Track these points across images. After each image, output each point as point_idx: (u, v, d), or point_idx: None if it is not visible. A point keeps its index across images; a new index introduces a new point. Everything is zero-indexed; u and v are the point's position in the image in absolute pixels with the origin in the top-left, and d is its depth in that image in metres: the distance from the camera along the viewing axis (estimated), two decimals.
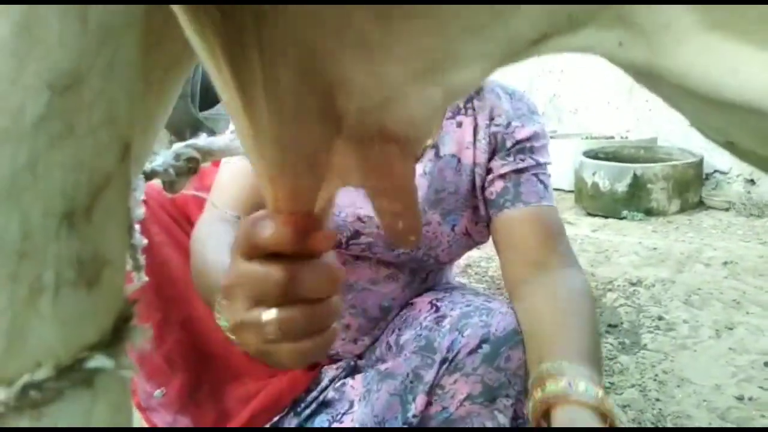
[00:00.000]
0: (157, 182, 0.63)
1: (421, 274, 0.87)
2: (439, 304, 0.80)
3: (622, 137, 3.56)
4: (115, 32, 0.19)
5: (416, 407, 0.75)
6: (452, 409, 0.75)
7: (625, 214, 2.88)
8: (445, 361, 0.73)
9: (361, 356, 0.89)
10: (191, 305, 0.86)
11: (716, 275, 2.15)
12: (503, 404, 0.73)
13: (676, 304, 1.91)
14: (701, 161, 2.99)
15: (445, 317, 0.77)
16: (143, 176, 0.69)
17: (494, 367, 0.72)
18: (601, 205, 2.95)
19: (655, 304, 1.92)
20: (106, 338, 0.23)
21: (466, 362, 0.72)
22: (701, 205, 3.03)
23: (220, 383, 0.88)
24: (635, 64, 0.27)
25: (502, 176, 0.81)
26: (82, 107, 0.19)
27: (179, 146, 0.81)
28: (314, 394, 0.87)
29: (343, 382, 0.87)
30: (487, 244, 2.38)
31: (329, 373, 0.88)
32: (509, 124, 0.83)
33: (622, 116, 3.58)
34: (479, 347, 0.72)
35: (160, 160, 0.79)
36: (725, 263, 2.25)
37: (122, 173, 0.22)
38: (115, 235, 0.22)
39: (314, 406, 0.87)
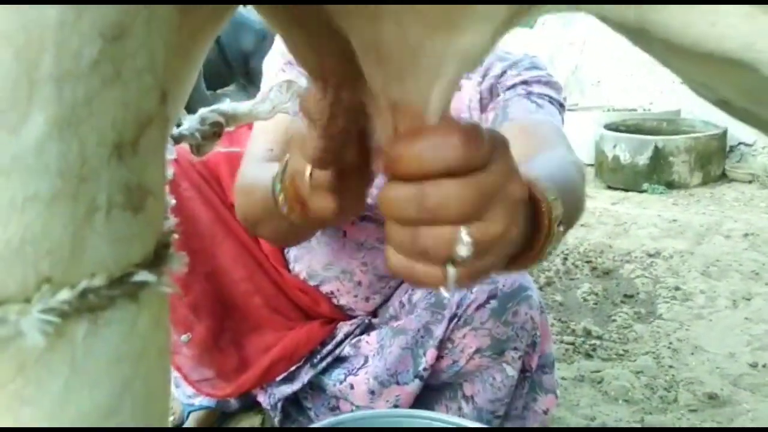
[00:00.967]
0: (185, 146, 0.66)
1: None
2: None
3: (644, 110, 3.51)
4: None
5: (427, 361, 0.79)
6: (462, 362, 0.79)
7: (645, 187, 2.86)
8: (454, 316, 0.77)
9: (375, 314, 0.93)
10: (216, 259, 0.90)
11: (736, 247, 2.14)
12: (511, 357, 0.77)
13: (693, 275, 1.91)
14: (725, 133, 2.94)
15: None
16: (171, 139, 0.73)
17: (502, 321, 0.75)
18: (621, 178, 2.93)
19: (672, 275, 1.93)
20: (148, 259, 0.26)
21: (474, 317, 0.75)
22: (724, 177, 2.99)
23: (240, 333, 0.93)
24: (626, 22, 0.29)
25: (492, 109, 0.78)
26: (127, 55, 0.22)
27: (205, 111, 0.85)
28: (330, 347, 0.92)
29: (358, 338, 0.91)
30: None
31: (344, 329, 0.93)
32: (503, 73, 0.79)
33: (645, 88, 3.52)
34: (487, 302, 0.75)
35: (186, 124, 0.83)
36: (746, 235, 2.23)
37: (162, 116, 0.25)
38: (156, 169, 0.26)
39: (330, 359, 0.91)
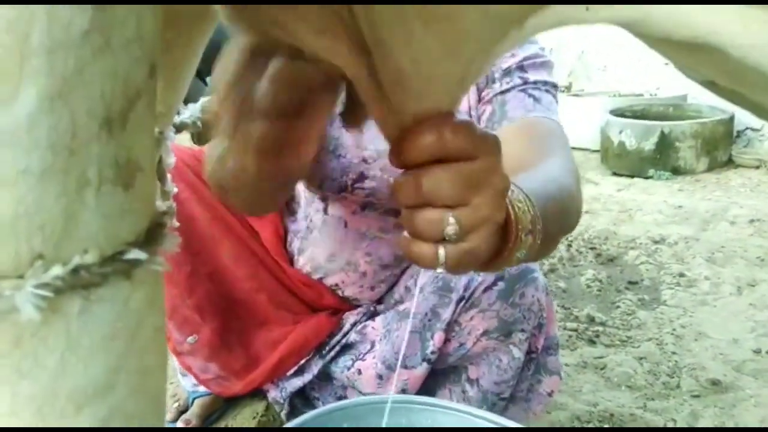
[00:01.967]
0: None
1: None
2: None
3: (651, 95, 3.48)
4: None
5: (434, 344, 0.79)
6: (469, 344, 0.79)
7: (651, 173, 2.84)
8: (461, 299, 0.76)
9: (380, 301, 0.93)
10: (217, 259, 0.90)
11: (741, 233, 2.12)
12: (518, 338, 0.77)
13: (698, 261, 1.90)
14: (732, 118, 2.91)
15: None
16: (173, 128, 0.73)
17: (509, 303, 0.75)
18: (627, 164, 2.91)
19: (677, 261, 1.92)
20: (140, 237, 0.26)
21: (482, 299, 0.75)
22: (730, 163, 2.97)
23: (247, 330, 0.93)
24: (618, 21, 0.29)
25: (488, 102, 0.77)
26: (116, 23, 0.22)
27: (205, 100, 0.85)
28: (337, 338, 0.92)
29: (364, 324, 0.91)
30: None
31: (351, 318, 0.93)
32: None
33: (651, 74, 3.48)
34: (494, 284, 0.75)
35: (187, 113, 0.83)
36: (751, 221, 2.22)
37: (150, 90, 0.25)
38: (145, 145, 0.26)
39: (338, 348, 0.92)
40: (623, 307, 1.61)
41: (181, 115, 0.81)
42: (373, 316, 0.91)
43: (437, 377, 0.88)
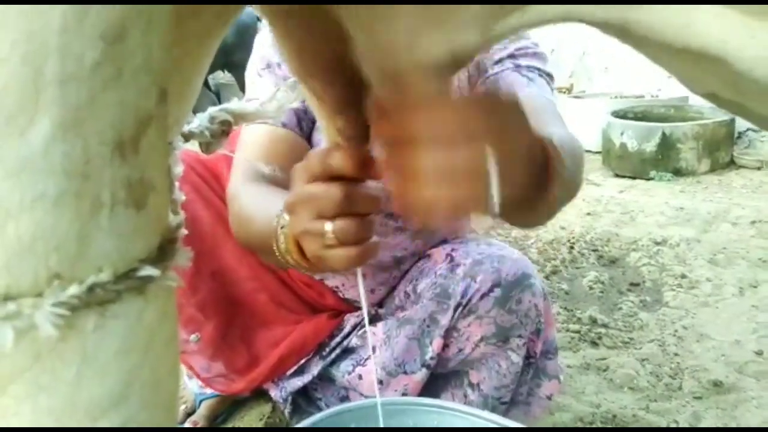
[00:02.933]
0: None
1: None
2: (453, 254, 0.84)
3: (652, 96, 3.49)
4: None
5: (433, 349, 0.80)
6: (467, 350, 0.80)
7: (653, 174, 2.85)
8: (459, 305, 0.78)
9: (381, 305, 0.94)
10: (220, 258, 0.92)
11: (743, 234, 2.13)
12: (516, 344, 0.78)
13: (700, 262, 1.91)
14: (733, 120, 2.92)
15: (459, 265, 0.81)
16: (182, 137, 0.74)
17: (506, 309, 0.76)
18: (628, 165, 2.92)
19: (678, 263, 1.92)
20: (153, 254, 0.27)
21: (479, 306, 0.76)
22: (732, 164, 2.97)
23: (249, 329, 0.94)
24: (610, 21, 0.30)
25: (481, 86, 0.78)
26: (126, 55, 0.23)
27: (214, 109, 0.86)
28: (338, 339, 0.93)
29: (365, 329, 0.92)
30: None
31: (351, 320, 0.94)
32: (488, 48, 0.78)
33: (652, 75, 3.49)
34: (491, 291, 0.76)
35: (196, 122, 0.84)
36: (753, 222, 2.22)
37: (161, 114, 0.26)
38: (157, 166, 0.27)
39: (338, 351, 0.93)
40: (625, 308, 1.61)
41: (189, 124, 0.82)
42: (374, 320, 0.93)
43: (439, 382, 0.89)
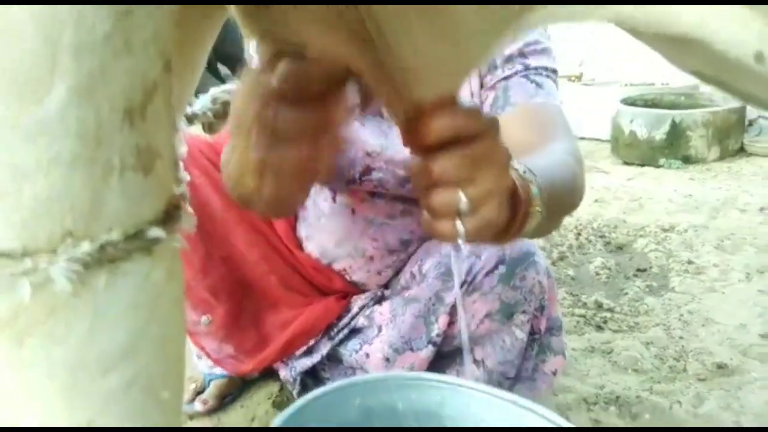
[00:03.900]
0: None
1: None
2: None
3: (662, 84, 3.46)
4: None
5: (439, 327, 0.82)
6: (472, 327, 0.82)
7: (662, 162, 2.83)
8: (464, 283, 0.79)
9: (387, 286, 0.96)
10: (231, 242, 0.94)
11: (751, 221, 2.12)
12: (520, 320, 0.79)
13: (707, 248, 1.90)
14: (744, 107, 2.89)
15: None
16: (186, 119, 0.76)
17: (510, 286, 0.77)
18: (638, 153, 2.90)
19: (686, 249, 1.92)
20: (159, 217, 0.29)
21: (484, 283, 0.78)
22: (742, 152, 2.95)
23: (259, 311, 0.97)
24: (606, 16, 0.32)
25: (491, 88, 0.79)
26: (135, 28, 0.25)
27: (216, 90, 0.87)
28: (345, 320, 0.95)
29: (371, 309, 0.94)
30: None
31: (358, 302, 0.96)
32: None
33: (662, 63, 3.44)
34: (495, 268, 0.78)
35: (198, 104, 0.86)
36: (762, 209, 2.21)
37: (166, 83, 0.28)
38: (163, 133, 0.28)
39: (346, 331, 0.95)
40: (631, 293, 1.62)
41: (192, 107, 0.83)
42: (380, 300, 0.94)
43: (444, 359, 0.91)
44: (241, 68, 0.46)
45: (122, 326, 0.28)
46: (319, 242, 0.93)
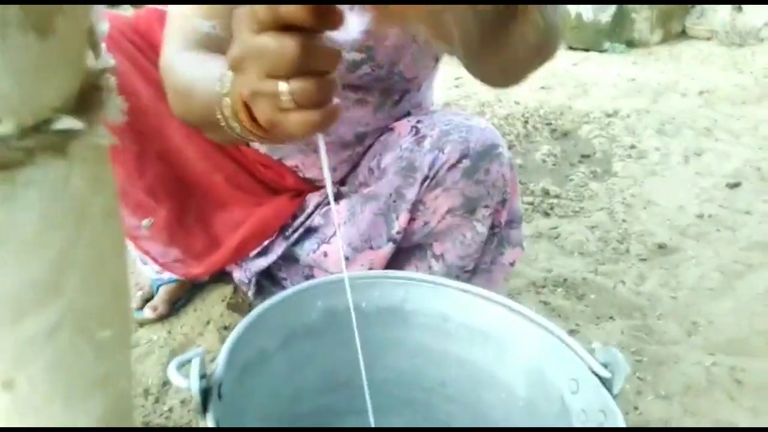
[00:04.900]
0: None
1: (392, 95, 0.84)
2: (419, 125, 0.79)
3: None
4: None
5: (400, 224, 0.78)
6: (433, 223, 0.78)
7: (606, 46, 2.81)
8: (426, 178, 0.74)
9: (343, 182, 0.89)
10: (166, 137, 0.83)
11: (691, 104, 2.16)
12: (482, 214, 0.76)
13: (649, 132, 1.94)
14: None
15: (425, 137, 0.76)
16: None
17: (474, 180, 0.73)
18: (583, 37, 2.85)
19: (628, 133, 1.95)
20: (71, 102, 0.21)
21: (446, 178, 0.73)
22: (683, 35, 2.96)
23: (206, 212, 0.89)
24: None
25: None
26: None
27: None
28: (301, 219, 0.89)
29: (328, 208, 0.88)
30: (465, 81, 2.30)
31: (314, 200, 0.90)
32: None
33: None
34: (459, 162, 0.73)
35: None
36: (701, 92, 2.25)
37: None
38: None
39: (301, 231, 0.89)
40: (576, 179, 1.64)
41: None
42: (336, 198, 0.89)
43: (402, 255, 0.88)
44: None
45: (36, 255, 0.21)
46: None
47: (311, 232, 0.88)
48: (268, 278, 0.95)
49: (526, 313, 0.58)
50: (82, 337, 0.22)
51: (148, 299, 0.99)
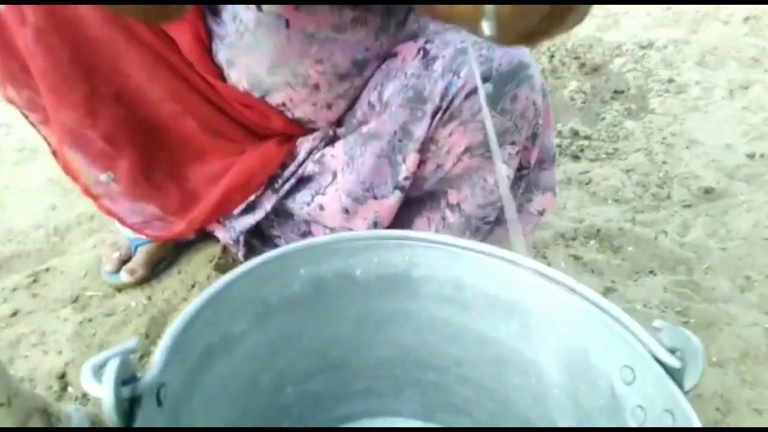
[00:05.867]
0: None
1: (396, 15, 0.68)
2: (428, 46, 0.64)
3: None
4: None
5: (407, 168, 0.65)
6: (448, 165, 0.65)
7: None
8: (438, 110, 0.60)
9: (340, 123, 0.76)
10: (123, 75, 0.70)
11: (735, 32, 1.95)
12: (508, 153, 0.62)
13: (688, 65, 1.75)
14: None
15: (436, 59, 0.62)
16: None
17: (498, 110, 0.59)
18: None
19: (665, 66, 1.76)
20: None
21: (463, 108, 0.59)
22: None
23: (179, 163, 0.77)
24: None
25: None
26: None
27: None
28: (292, 168, 0.77)
29: (322, 153, 0.75)
30: None
31: (305, 144, 0.77)
32: None
33: None
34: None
35: None
36: (746, 19, 2.03)
37: None
38: None
39: (293, 181, 0.77)
40: (609, 118, 1.48)
41: None
42: (332, 141, 0.75)
43: (412, 206, 0.75)
44: None
45: None
46: (246, 69, 0.70)
47: (304, 182, 0.76)
48: (259, 237, 0.83)
49: (562, 279, 0.46)
50: None
51: (125, 261, 0.88)
